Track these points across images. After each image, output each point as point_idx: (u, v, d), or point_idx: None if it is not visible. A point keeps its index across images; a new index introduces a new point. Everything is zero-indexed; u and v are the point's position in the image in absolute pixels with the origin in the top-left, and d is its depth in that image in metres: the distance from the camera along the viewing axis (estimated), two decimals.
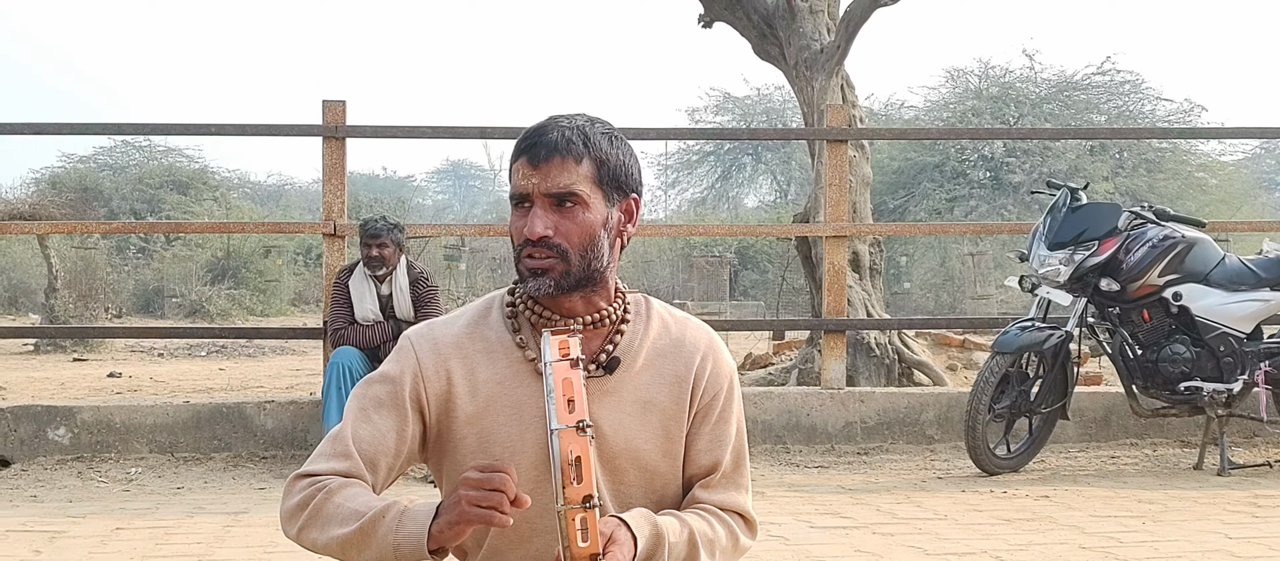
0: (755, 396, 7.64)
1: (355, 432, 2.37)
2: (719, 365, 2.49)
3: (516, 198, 2.36)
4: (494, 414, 2.38)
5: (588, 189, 2.34)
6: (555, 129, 2.35)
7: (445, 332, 2.44)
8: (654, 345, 2.45)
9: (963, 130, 22.61)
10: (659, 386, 2.42)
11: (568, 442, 2.07)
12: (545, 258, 2.33)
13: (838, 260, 7.95)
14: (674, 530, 2.33)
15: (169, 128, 12.19)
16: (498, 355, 2.41)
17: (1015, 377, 6.77)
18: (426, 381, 2.39)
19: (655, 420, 2.41)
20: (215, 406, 7.38)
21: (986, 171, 25.00)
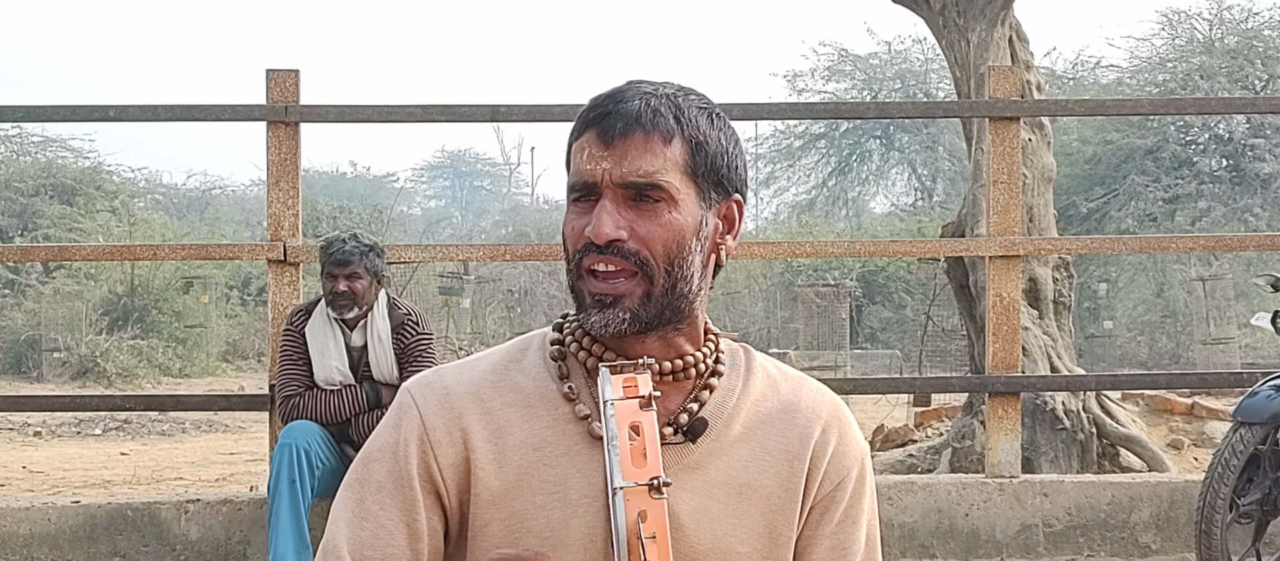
0: (890, 488, 7.62)
1: (351, 538, 2.37)
2: (847, 442, 2.49)
3: (579, 188, 2.35)
4: (528, 491, 2.35)
5: (677, 180, 2.32)
6: (636, 96, 2.34)
7: (459, 379, 2.43)
8: (755, 408, 2.44)
9: (1187, 101, 22.50)
10: (762, 465, 2.41)
11: (636, 506, 2.09)
12: (617, 273, 2.31)
13: (1007, 290, 7.92)
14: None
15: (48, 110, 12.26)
16: (536, 409, 2.39)
17: (1269, 459, 6.72)
18: (436, 447, 2.37)
19: (755, 511, 2.40)
20: (116, 508, 7.44)
21: (1223, 159, 24.87)
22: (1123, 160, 24.99)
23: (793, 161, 34.99)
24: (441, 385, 2.42)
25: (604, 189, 2.31)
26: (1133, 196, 24.58)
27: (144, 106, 8.40)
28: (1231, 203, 24.20)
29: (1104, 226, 24.00)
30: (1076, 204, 23.94)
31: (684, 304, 2.35)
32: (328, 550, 2.37)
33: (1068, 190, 22.64)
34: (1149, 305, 23.90)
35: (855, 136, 34.12)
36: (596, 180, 2.31)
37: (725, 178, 2.37)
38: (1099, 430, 9.04)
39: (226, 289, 26.53)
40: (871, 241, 20.99)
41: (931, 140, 33.27)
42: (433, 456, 2.36)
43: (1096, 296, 23.75)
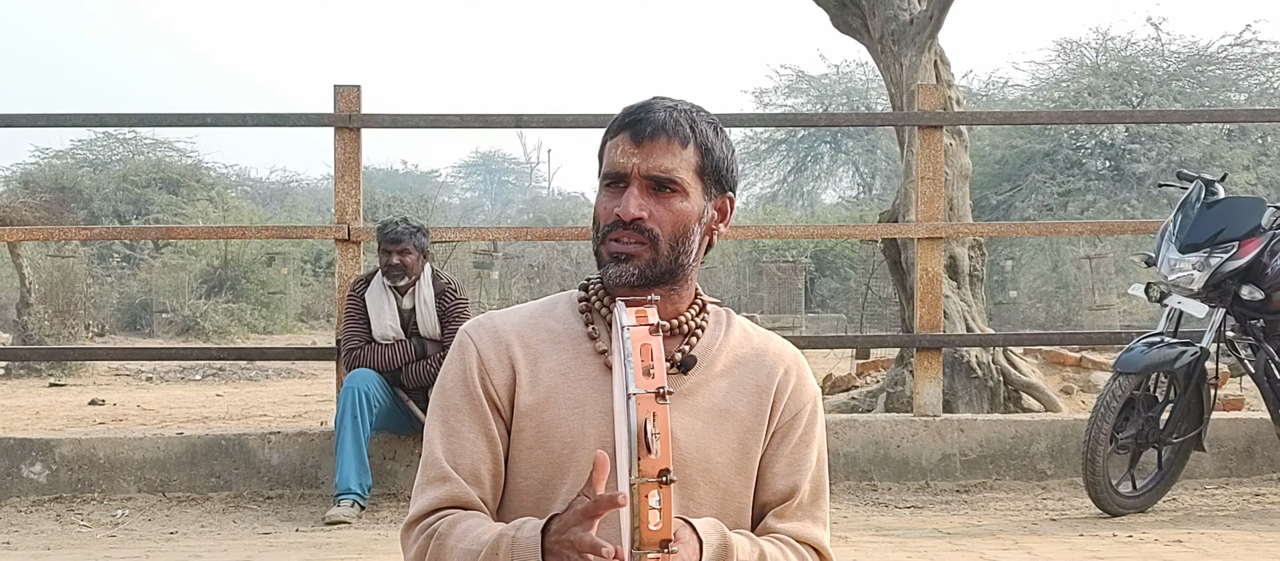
0: (836, 424, 7.62)
1: (446, 451, 2.51)
2: (804, 383, 2.61)
3: (611, 176, 2.49)
4: (555, 405, 2.50)
5: (689, 177, 2.49)
6: (662, 108, 2.49)
7: (506, 320, 2.59)
8: (734, 352, 2.58)
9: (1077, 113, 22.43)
10: (737, 395, 2.55)
11: (646, 409, 2.13)
12: (634, 242, 2.46)
13: (932, 266, 7.92)
14: (744, 548, 2.42)
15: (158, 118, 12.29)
16: (564, 345, 2.55)
17: (1142, 402, 6.72)
18: (490, 372, 2.52)
19: (732, 430, 2.53)
20: (212, 438, 7.44)
21: (1106, 161, 24.83)
22: (1025, 161, 24.96)
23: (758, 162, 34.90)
24: (491, 325, 2.57)
25: (633, 179, 2.46)
26: (1033, 191, 24.55)
27: (235, 114, 8.44)
28: (1113, 196, 24.17)
29: (1010, 214, 23.97)
30: (988, 196, 23.91)
31: (681, 271, 2.51)
32: (429, 463, 2.52)
33: (981, 185, 22.60)
34: (1046, 278, 23.89)
35: (809, 142, 34.06)
36: (627, 172, 2.46)
37: (724, 177, 2.54)
38: (1005, 378, 9.04)
39: (301, 262, 26.48)
40: (822, 226, 20.99)
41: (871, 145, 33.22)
42: (489, 379, 2.52)
43: (1003, 271, 23.72)
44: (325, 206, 33.36)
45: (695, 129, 2.49)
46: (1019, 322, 21.86)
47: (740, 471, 2.52)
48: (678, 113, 2.48)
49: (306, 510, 7.01)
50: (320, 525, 6.65)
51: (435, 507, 2.47)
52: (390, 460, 7.33)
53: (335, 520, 6.68)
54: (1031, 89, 28.74)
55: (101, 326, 21.28)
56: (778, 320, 19.08)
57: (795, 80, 33.93)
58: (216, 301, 22.69)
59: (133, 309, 23.23)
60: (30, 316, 17.16)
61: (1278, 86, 26.17)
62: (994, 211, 23.76)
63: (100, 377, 15.12)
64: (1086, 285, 21.51)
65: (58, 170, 31.14)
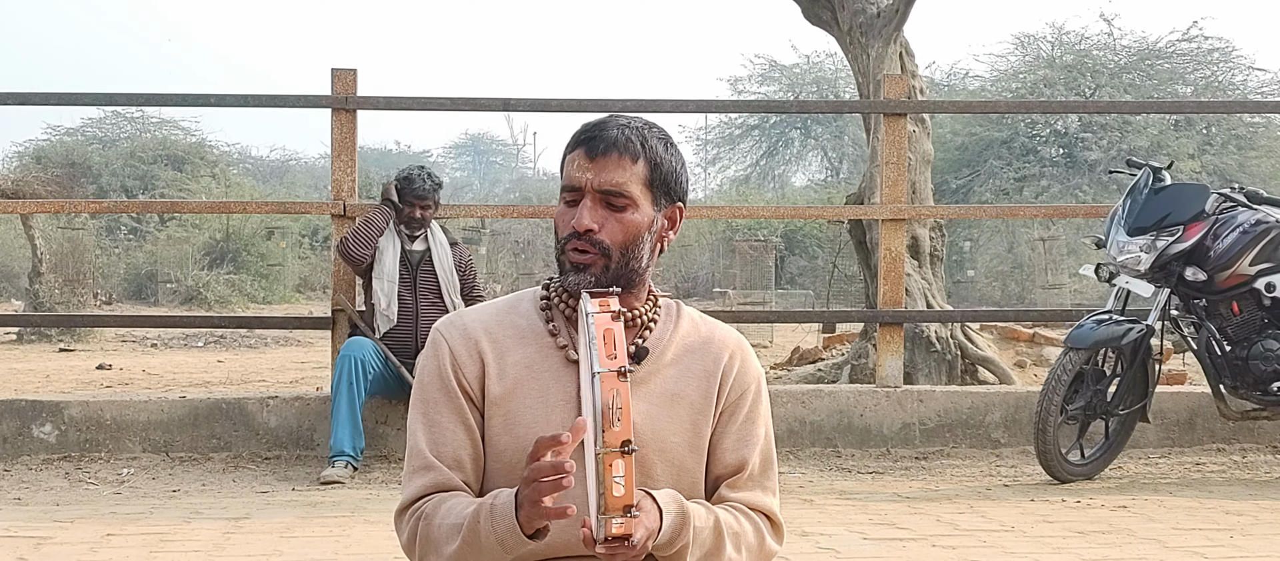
0: (803, 394, 7.64)
1: (429, 441, 2.59)
2: (747, 365, 2.69)
3: (569, 189, 2.57)
4: (520, 396, 2.57)
5: (639, 190, 2.56)
6: (615, 127, 2.56)
7: (474, 318, 2.66)
8: (683, 341, 2.66)
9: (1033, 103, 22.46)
10: (687, 380, 2.63)
11: (609, 386, 2.22)
12: (589, 253, 2.53)
13: (895, 246, 7.93)
14: (700, 516, 2.51)
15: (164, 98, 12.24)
16: (528, 340, 2.61)
17: (1090, 376, 6.74)
18: (462, 366, 2.59)
19: (683, 413, 2.61)
20: (214, 402, 7.43)
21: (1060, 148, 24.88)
22: (984, 148, 25.00)
23: (732, 146, 34.92)
24: (461, 322, 2.64)
25: (587, 192, 2.54)
26: (991, 176, 24.59)
27: (237, 95, 8.43)
28: (1066, 182, 24.22)
29: (969, 198, 24.00)
30: (948, 181, 23.94)
31: (634, 276, 2.58)
32: (413, 453, 2.60)
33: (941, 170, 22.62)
34: (1001, 258, 23.95)
35: (781, 128, 34.05)
36: (582, 186, 2.54)
37: (673, 188, 2.61)
38: (962, 352, 9.06)
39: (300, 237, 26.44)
40: (792, 207, 20.96)
41: (839, 131, 33.23)
42: (461, 372, 2.59)
43: (962, 251, 23.78)
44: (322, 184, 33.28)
45: (645, 145, 2.55)
46: (976, 300, 21.92)
47: (692, 449, 2.60)
48: (629, 130, 2.55)
49: (302, 470, 7.01)
50: (315, 485, 6.66)
51: (423, 494, 2.55)
52: (382, 424, 7.32)
53: (329, 480, 6.68)
54: (990, 80, 28.77)
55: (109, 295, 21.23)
56: (749, 296, 19.10)
57: (768, 69, 33.93)
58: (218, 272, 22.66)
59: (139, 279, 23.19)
60: (41, 285, 17.11)
61: (1222, 80, 26.24)
62: (954, 195, 23.80)
63: (107, 344, 15.09)
64: (1040, 265, 21.57)
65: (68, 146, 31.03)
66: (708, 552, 2.52)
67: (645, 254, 2.58)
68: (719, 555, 2.54)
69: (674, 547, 2.45)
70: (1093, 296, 17.48)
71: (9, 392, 8.91)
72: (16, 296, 21.01)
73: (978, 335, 9.45)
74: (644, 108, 8.02)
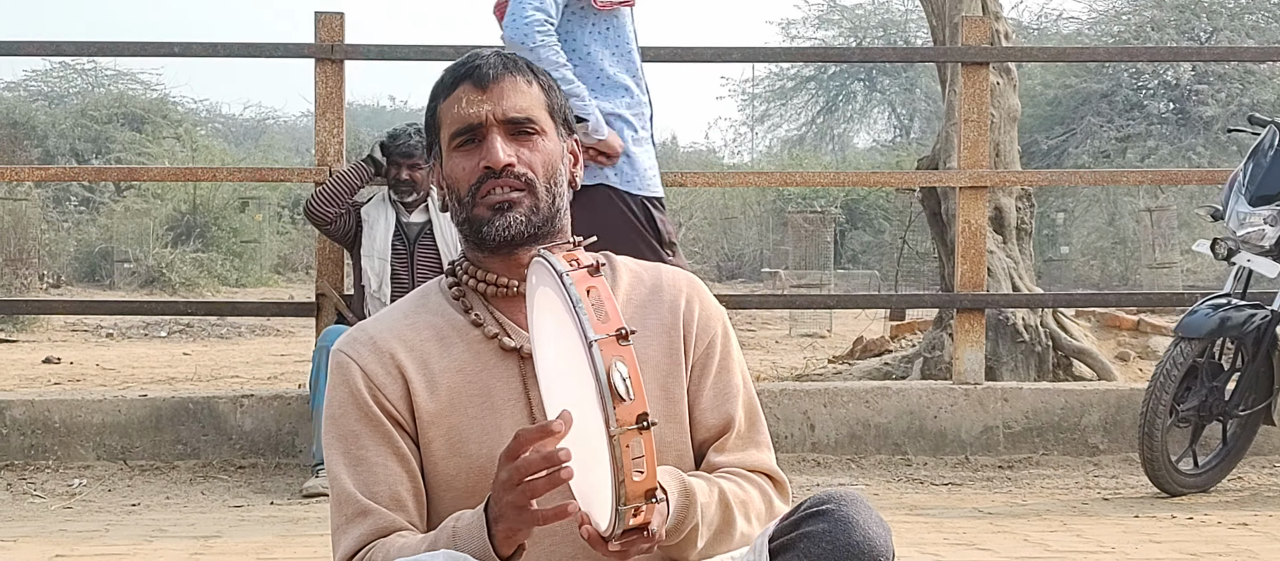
0: (867, 393, 7.63)
1: (357, 483, 2.49)
2: (707, 306, 2.64)
3: (463, 131, 2.52)
4: (461, 407, 2.50)
5: (543, 116, 2.54)
6: (492, 53, 2.55)
7: (379, 328, 2.57)
8: (629, 298, 2.59)
9: (1138, 50, 22.48)
10: (645, 340, 2.53)
11: (610, 353, 2.12)
12: (512, 189, 2.48)
13: (975, 218, 7.92)
14: (703, 490, 2.44)
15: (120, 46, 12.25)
16: (450, 340, 2.53)
17: (1206, 371, 6.72)
18: (381, 387, 2.50)
19: (650, 380, 2.48)
20: (179, 401, 7.46)
21: (1170, 103, 24.79)
22: (1080, 102, 24.92)
23: (785, 101, 34.86)
24: (366, 336, 2.56)
25: (489, 127, 2.50)
26: (1089, 135, 24.53)
27: (205, 43, 8.45)
28: (1177, 142, 24.14)
29: (1062, 161, 23.95)
30: (1038, 141, 23.89)
31: (559, 218, 2.53)
32: (341, 500, 2.50)
33: (1030, 129, 22.59)
34: (1101, 232, 23.87)
35: (841, 79, 33.99)
36: (481, 120, 2.50)
37: (568, 119, 2.61)
38: (1054, 343, 9.04)
39: (278, 209, 26.49)
40: (855, 173, 20.96)
41: (909, 83, 33.15)
42: (381, 394, 2.49)
43: (1054, 224, 23.72)
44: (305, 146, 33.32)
45: (532, 67, 2.56)
46: (1071, 281, 21.88)
47: (670, 419, 2.53)
48: (509, 54, 2.55)
49: (282, 481, 7.04)
50: (297, 497, 6.68)
51: (363, 545, 2.46)
52: None
53: (314, 492, 6.69)
54: (1088, 22, 28.69)
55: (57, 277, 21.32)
56: (804, 277, 19.08)
57: (826, 10, 33.83)
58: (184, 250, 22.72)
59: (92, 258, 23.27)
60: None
61: None
62: (1045, 158, 23.74)
63: (56, 333, 15.16)
64: (1146, 241, 21.49)
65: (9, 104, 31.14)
66: (717, 530, 2.45)
67: (564, 189, 2.56)
68: (730, 530, 2.48)
69: (682, 532, 2.38)
70: (1208, 277, 17.41)
71: None
72: None
73: (1073, 323, 9.43)
74: (681, 57, 8.03)
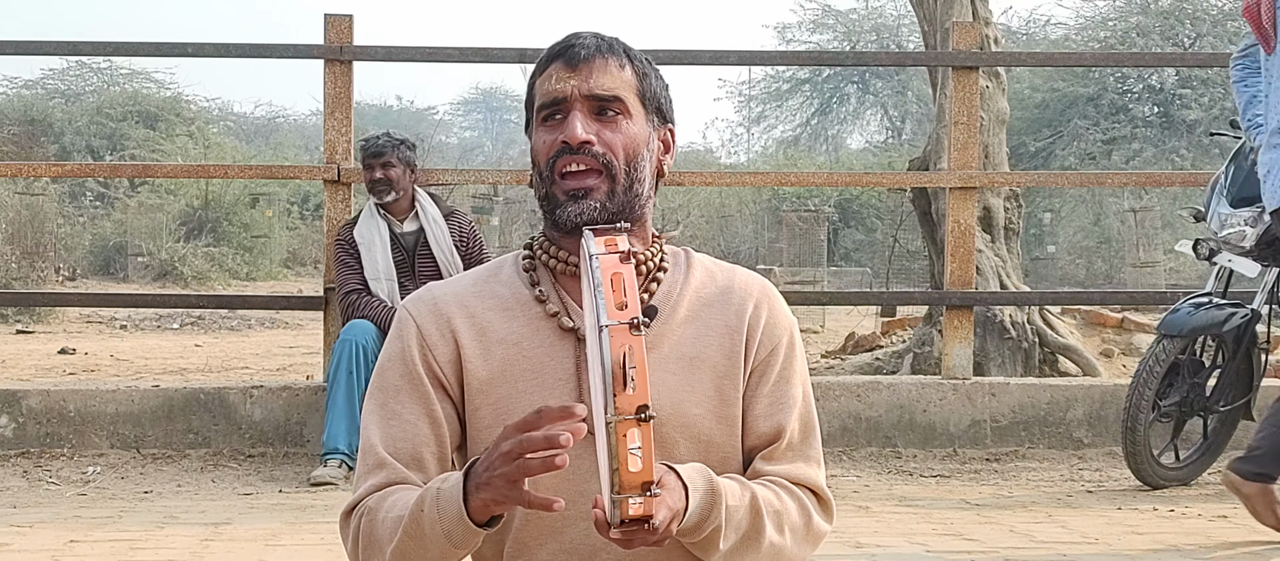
0: (859, 387, 7.63)
1: (383, 436, 2.45)
2: (776, 314, 2.55)
3: (549, 105, 2.46)
4: (511, 379, 2.45)
5: (632, 98, 2.47)
6: (590, 35, 2.49)
7: (445, 291, 2.54)
8: (698, 294, 2.52)
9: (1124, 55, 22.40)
10: (707, 339, 2.49)
11: (620, 342, 2.07)
12: (586, 172, 2.41)
13: (964, 217, 7.92)
14: (734, 493, 2.36)
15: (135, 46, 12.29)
16: (513, 312, 2.48)
17: (1187, 367, 6.72)
18: (432, 348, 2.47)
19: (705, 378, 2.47)
20: (190, 392, 7.47)
21: (1154, 106, 24.80)
22: (1067, 106, 24.94)
23: (780, 102, 34.92)
24: (431, 297, 2.53)
25: (573, 103, 2.43)
26: (1075, 138, 24.55)
27: (217, 44, 8.45)
28: (1161, 145, 24.16)
29: (1050, 163, 23.97)
30: (1026, 143, 23.90)
31: (638, 205, 2.46)
32: (366, 451, 2.46)
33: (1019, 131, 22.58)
34: (1087, 232, 23.89)
35: (835, 82, 34.05)
36: (566, 96, 2.43)
37: (663, 107, 2.53)
38: (1041, 340, 9.05)
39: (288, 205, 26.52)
40: (848, 173, 20.94)
41: (901, 86, 33.20)
42: (432, 355, 2.46)
43: (1041, 224, 23.73)
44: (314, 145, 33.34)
45: (629, 53, 2.49)
46: (1057, 280, 21.88)
47: (721, 420, 2.47)
48: (609, 37, 2.48)
49: (290, 470, 7.04)
50: (305, 486, 6.68)
51: (370, 493, 2.42)
52: None
53: (321, 481, 6.69)
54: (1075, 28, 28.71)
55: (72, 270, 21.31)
56: (798, 274, 19.08)
57: (821, 14, 33.92)
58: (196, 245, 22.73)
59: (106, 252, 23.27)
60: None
61: None
62: (1032, 159, 23.75)
63: (71, 325, 15.17)
64: (1130, 240, 21.50)
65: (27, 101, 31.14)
66: (744, 536, 2.37)
67: (647, 176, 2.47)
68: (758, 538, 2.40)
69: (703, 531, 2.31)
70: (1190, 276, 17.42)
71: None
72: None
73: (1058, 320, 9.44)
74: (679, 59, 8.02)
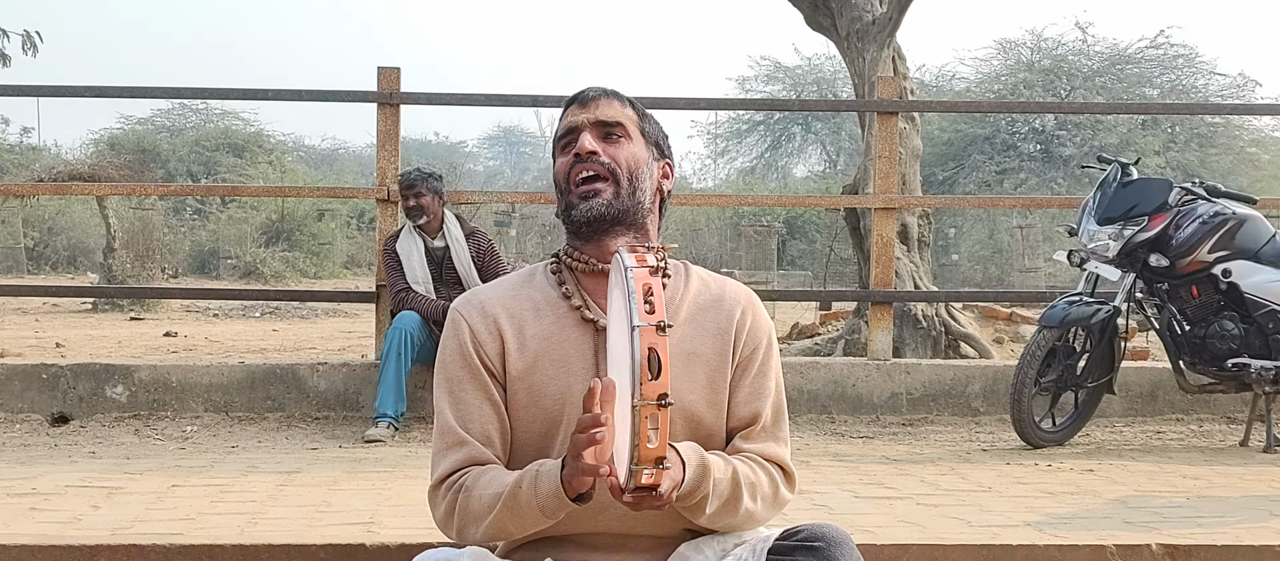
0: (801, 366, 7.63)
1: (458, 418, 2.46)
2: (758, 320, 2.58)
3: (564, 135, 2.51)
4: (542, 367, 2.45)
5: (632, 128, 2.51)
6: (599, 87, 2.54)
7: (490, 295, 2.54)
8: (695, 300, 2.53)
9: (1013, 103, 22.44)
10: (702, 338, 2.51)
11: (648, 340, 2.08)
12: (597, 179, 2.45)
13: (886, 232, 7.92)
14: (719, 467, 2.40)
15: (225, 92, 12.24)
16: (545, 312, 2.49)
17: (1062, 352, 6.73)
18: (482, 344, 2.47)
19: (700, 371, 2.49)
20: (269, 367, 7.45)
21: (1037, 145, 24.82)
22: (968, 144, 24.97)
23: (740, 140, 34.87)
24: (478, 300, 2.53)
25: (584, 127, 2.48)
26: (974, 169, 24.56)
27: (292, 90, 8.42)
28: (1042, 175, 24.18)
29: (954, 189, 23.98)
30: (935, 173, 23.93)
31: (640, 211, 2.47)
32: (443, 431, 2.47)
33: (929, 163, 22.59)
34: (983, 244, 23.91)
35: (784, 123, 34.01)
36: (579, 124, 2.49)
37: (661, 146, 2.57)
38: (946, 329, 9.06)
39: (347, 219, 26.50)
40: (794, 196, 20.98)
41: (837, 127, 33.17)
42: (482, 350, 2.47)
43: (947, 237, 23.75)
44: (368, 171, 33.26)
45: (630, 100, 2.54)
46: (959, 282, 21.90)
47: (711, 405, 2.49)
48: (612, 88, 2.55)
49: (348, 430, 7.03)
50: (359, 443, 6.67)
51: (457, 468, 2.43)
52: (421, 389, 7.34)
53: (372, 439, 6.70)
54: (975, 81, 28.71)
55: (175, 269, 21.28)
56: (753, 276, 19.06)
57: (773, 70, 33.87)
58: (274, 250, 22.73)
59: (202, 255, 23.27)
60: (114, 260, 17.19)
61: (1186, 83, 26.16)
62: (940, 186, 23.76)
63: (174, 313, 15.14)
64: (1018, 251, 21.52)
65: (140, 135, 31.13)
66: (725, 502, 2.41)
67: (648, 189, 2.49)
68: (736, 504, 2.44)
69: (695, 498, 2.35)
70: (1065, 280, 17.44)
71: (85, 356, 8.95)
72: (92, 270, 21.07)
73: (960, 314, 9.45)
74: (660, 105, 8.01)
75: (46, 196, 22.03)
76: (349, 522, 4.47)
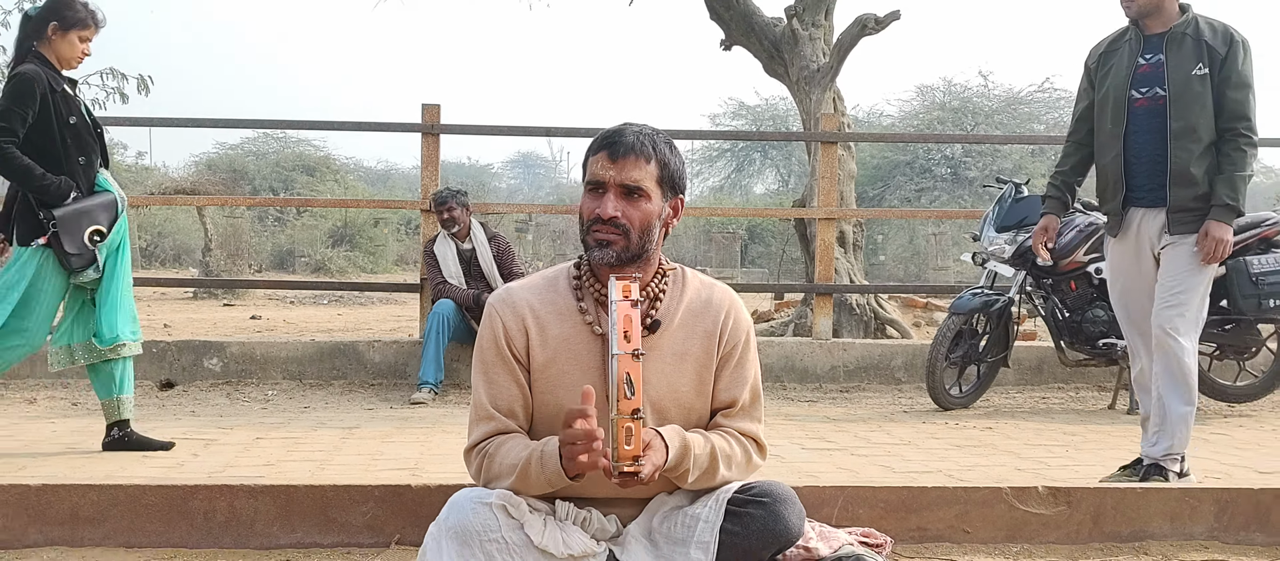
0: (759, 345, 7.59)
1: (489, 396, 2.43)
2: (739, 320, 2.54)
3: (593, 183, 2.39)
4: (560, 363, 2.42)
5: (652, 185, 2.38)
6: (631, 134, 2.39)
7: (521, 296, 2.47)
8: (688, 306, 2.49)
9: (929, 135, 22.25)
10: (692, 340, 2.47)
11: (624, 365, 2.09)
12: (612, 234, 2.37)
13: (827, 237, 7.93)
14: (699, 444, 2.39)
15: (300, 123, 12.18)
16: (565, 318, 2.44)
17: (967, 334, 6.74)
18: (511, 337, 2.43)
19: (690, 366, 2.45)
20: (334, 344, 7.44)
21: (948, 168, 24.85)
22: (893, 167, 24.98)
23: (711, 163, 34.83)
24: (510, 298, 2.46)
25: (610, 187, 2.36)
26: (897, 188, 24.57)
27: (353, 122, 8.40)
28: (952, 192, 24.20)
29: (882, 203, 23.99)
30: (867, 190, 23.93)
31: (647, 252, 2.41)
32: (477, 406, 2.44)
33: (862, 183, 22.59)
34: (905, 247, 23.93)
35: (747, 151, 33.98)
36: (605, 181, 2.36)
37: (676, 183, 2.45)
38: (875, 315, 9.06)
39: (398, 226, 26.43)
40: (754, 209, 20.95)
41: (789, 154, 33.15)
42: (512, 342, 2.42)
43: (876, 242, 23.77)
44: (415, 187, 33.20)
45: (655, 148, 2.39)
46: (886, 277, 21.91)
47: (699, 394, 2.48)
48: (643, 136, 2.39)
49: (397, 394, 7.02)
50: (406, 405, 6.66)
51: (485, 437, 2.43)
52: (456, 362, 7.33)
53: (417, 401, 6.69)
54: (899, 117, 28.75)
55: (259, 265, 21.22)
56: (721, 272, 19.09)
57: (737, 108, 33.83)
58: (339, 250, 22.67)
59: (281, 254, 23.20)
60: (210, 258, 17.16)
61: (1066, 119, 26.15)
62: (871, 201, 23.77)
63: (258, 301, 15.10)
64: (932, 253, 21.55)
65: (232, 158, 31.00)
66: (704, 471, 2.41)
67: (656, 236, 2.42)
68: (713, 472, 2.43)
69: (677, 471, 2.36)
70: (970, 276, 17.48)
71: (187, 335, 8.92)
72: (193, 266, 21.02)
73: (887, 303, 9.45)
74: None
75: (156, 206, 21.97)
76: (399, 468, 4.47)
